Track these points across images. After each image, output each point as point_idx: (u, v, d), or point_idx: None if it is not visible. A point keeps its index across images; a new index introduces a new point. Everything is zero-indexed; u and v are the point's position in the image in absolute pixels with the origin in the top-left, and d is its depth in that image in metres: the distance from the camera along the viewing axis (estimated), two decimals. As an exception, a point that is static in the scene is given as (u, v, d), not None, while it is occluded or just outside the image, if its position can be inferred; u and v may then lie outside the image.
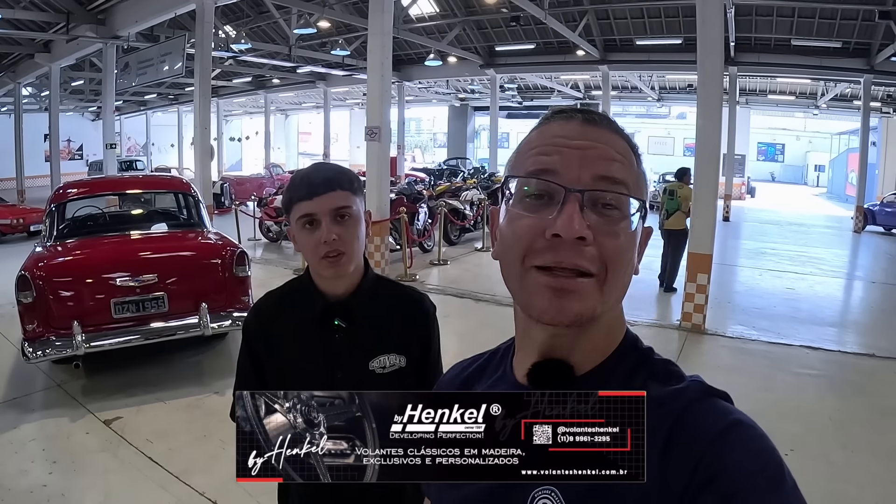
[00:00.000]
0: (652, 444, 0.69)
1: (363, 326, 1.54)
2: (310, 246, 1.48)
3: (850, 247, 16.12)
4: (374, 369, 1.53)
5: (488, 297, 8.66)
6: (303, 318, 1.55)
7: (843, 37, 16.03)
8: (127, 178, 9.76)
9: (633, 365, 0.79)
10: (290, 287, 1.66)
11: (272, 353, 1.56)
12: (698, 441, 0.68)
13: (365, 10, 15.45)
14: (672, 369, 0.79)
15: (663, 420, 0.70)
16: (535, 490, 0.75)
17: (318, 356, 1.53)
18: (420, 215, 12.24)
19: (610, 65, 19.90)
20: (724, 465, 0.65)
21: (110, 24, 15.29)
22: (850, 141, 30.73)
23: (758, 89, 26.03)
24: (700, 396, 0.73)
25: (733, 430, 0.68)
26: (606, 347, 0.80)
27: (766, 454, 0.67)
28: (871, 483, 4.03)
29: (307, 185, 1.47)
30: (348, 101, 36.43)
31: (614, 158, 0.75)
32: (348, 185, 1.50)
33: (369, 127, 9.80)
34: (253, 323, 1.63)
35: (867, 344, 7.17)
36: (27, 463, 4.12)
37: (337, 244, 1.46)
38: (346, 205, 1.48)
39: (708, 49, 7.25)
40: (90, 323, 5.10)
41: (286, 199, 1.52)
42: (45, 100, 26.74)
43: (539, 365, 0.79)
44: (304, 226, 1.48)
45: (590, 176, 0.73)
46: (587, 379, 0.78)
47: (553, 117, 0.80)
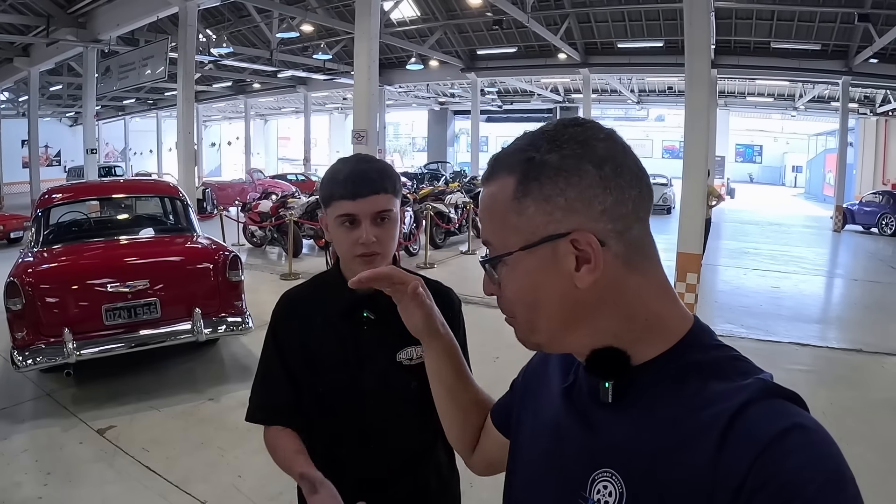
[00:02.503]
0: (706, 442, 0.69)
1: (391, 318, 1.48)
2: (346, 244, 1.48)
3: (830, 246, 16.34)
4: (402, 360, 1.53)
5: (477, 300, 8.57)
6: (331, 309, 1.55)
7: (822, 39, 16.30)
8: (115, 183, 9.65)
9: (696, 358, 0.77)
10: (320, 279, 1.66)
11: (301, 344, 1.55)
12: (753, 443, 0.66)
13: (347, 14, 15.48)
14: (739, 365, 0.77)
15: (718, 418, 0.70)
16: (595, 472, 0.78)
17: (347, 348, 1.53)
18: (406, 219, 12.21)
19: (591, 68, 20.06)
20: (778, 470, 0.64)
21: (91, 28, 15.13)
22: (827, 142, 31.21)
23: (736, 91, 26.39)
24: (762, 395, 0.71)
25: (792, 434, 0.66)
26: (664, 339, 0.79)
27: (826, 459, 0.65)
28: (866, 473, 4.01)
29: (352, 184, 1.45)
30: (328, 105, 36.41)
31: (482, 220, 0.85)
32: (392, 188, 1.49)
33: (356, 130, 9.77)
34: (282, 312, 1.61)
35: (854, 339, 7.26)
36: (20, 475, 4.03)
37: (374, 246, 1.46)
38: (388, 208, 1.48)
39: (695, 50, 7.31)
40: (81, 330, 5.00)
41: (326, 193, 1.50)
42: (23, 105, 26.46)
43: (597, 352, 0.80)
44: (342, 223, 1.47)
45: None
46: (644, 369, 0.78)
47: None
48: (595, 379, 0.81)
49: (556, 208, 0.76)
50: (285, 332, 1.58)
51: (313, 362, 1.53)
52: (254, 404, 1.58)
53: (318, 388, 1.52)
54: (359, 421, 1.52)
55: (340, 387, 1.52)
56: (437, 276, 6.68)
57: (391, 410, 1.53)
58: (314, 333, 1.55)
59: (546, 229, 0.77)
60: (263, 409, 1.56)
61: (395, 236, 1.53)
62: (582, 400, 0.85)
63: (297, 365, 1.54)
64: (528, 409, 0.98)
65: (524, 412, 0.99)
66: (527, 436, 0.94)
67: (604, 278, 0.77)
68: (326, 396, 1.52)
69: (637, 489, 0.74)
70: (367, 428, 1.53)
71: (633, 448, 0.75)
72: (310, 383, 1.53)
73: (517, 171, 0.79)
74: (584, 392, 0.85)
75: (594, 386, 0.81)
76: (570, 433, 0.84)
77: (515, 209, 0.78)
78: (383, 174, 1.50)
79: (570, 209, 0.76)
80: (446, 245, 13.38)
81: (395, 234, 1.52)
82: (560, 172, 0.76)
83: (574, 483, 0.80)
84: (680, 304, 0.83)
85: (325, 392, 1.52)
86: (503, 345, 6.45)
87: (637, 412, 0.77)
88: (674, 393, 0.76)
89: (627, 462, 0.75)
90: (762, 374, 0.75)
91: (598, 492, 0.77)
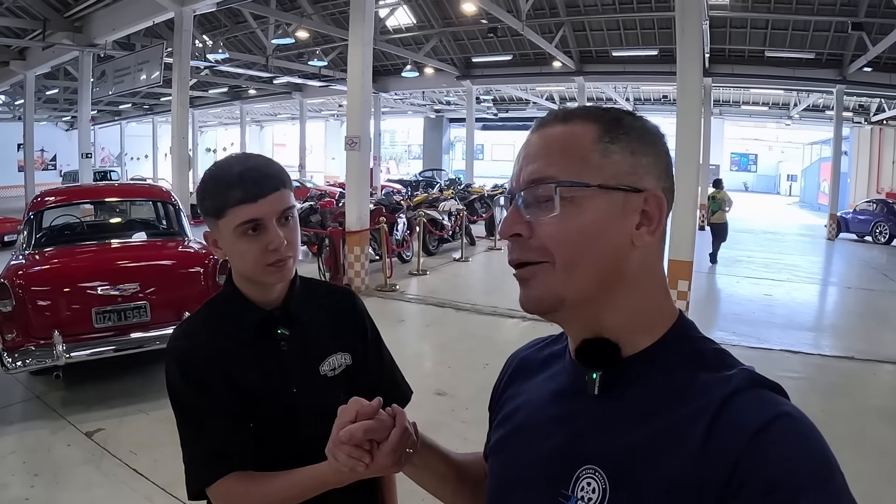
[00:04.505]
0: (693, 434, 0.70)
1: (306, 331, 1.41)
2: (253, 255, 1.29)
3: (824, 254, 16.40)
4: (326, 373, 1.41)
5: (468, 307, 8.65)
6: (241, 337, 1.36)
7: (816, 48, 16.40)
8: (107, 187, 9.64)
9: (682, 350, 0.79)
10: (213, 309, 1.42)
11: (224, 378, 1.31)
12: (740, 433, 0.67)
13: (342, 20, 15.51)
14: (724, 358, 0.78)
15: (705, 409, 0.70)
16: (580, 469, 0.77)
17: (271, 372, 1.35)
18: (399, 225, 12.23)
19: (586, 76, 20.13)
20: (765, 460, 0.64)
21: (87, 32, 15.16)
22: (822, 150, 31.29)
23: (731, 100, 26.51)
24: (747, 385, 0.72)
25: (778, 423, 0.67)
26: (653, 332, 0.80)
27: (812, 449, 0.66)
28: (857, 480, 4.02)
29: (250, 183, 1.26)
30: (323, 112, 36.48)
31: (538, 157, 0.80)
32: (289, 183, 1.34)
33: (349, 136, 9.77)
34: (187, 354, 1.33)
35: (846, 347, 7.29)
36: (7, 476, 4.02)
37: (287, 249, 1.31)
38: (291, 205, 1.33)
39: (687, 58, 7.35)
40: (71, 332, 4.99)
41: (217, 203, 1.28)
42: (18, 108, 26.46)
43: (587, 342, 0.80)
44: (244, 233, 1.28)
45: (523, 179, 0.80)
46: (634, 360, 0.79)
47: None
48: (583, 369, 0.81)
49: (640, 165, 0.79)
50: (199, 369, 1.31)
51: (242, 393, 1.32)
52: (200, 463, 1.27)
53: (251, 419, 1.32)
54: (295, 445, 1.34)
55: (275, 413, 1.34)
56: (431, 283, 6.73)
57: (325, 427, 1.33)
58: (231, 362, 1.33)
59: (628, 178, 0.77)
60: (214, 460, 1.26)
61: (299, 237, 1.38)
62: (567, 395, 0.85)
63: (227, 401, 1.31)
64: (509, 410, 0.96)
65: (504, 416, 0.97)
66: (509, 435, 0.93)
67: (647, 251, 0.79)
68: (262, 425, 1.33)
69: (620, 484, 0.73)
70: (302, 450, 1.30)
71: (617, 442, 0.75)
72: (241, 416, 1.31)
73: (602, 122, 0.80)
74: (569, 386, 0.85)
75: (580, 379, 0.81)
76: (553, 429, 0.83)
77: (600, 150, 0.78)
78: (278, 168, 1.34)
79: (649, 171, 0.79)
80: (439, 252, 13.39)
81: (299, 235, 1.38)
82: (645, 137, 0.81)
83: (557, 481, 0.80)
84: (671, 297, 0.85)
85: (259, 421, 1.33)
86: (493, 351, 6.49)
87: (623, 405, 0.77)
88: (660, 385, 0.76)
89: (611, 456, 0.75)
90: (745, 366, 0.76)
91: (581, 489, 0.77)
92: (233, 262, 1.35)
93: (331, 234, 9.89)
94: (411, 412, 1.05)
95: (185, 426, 1.31)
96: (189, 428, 1.31)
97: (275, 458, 1.30)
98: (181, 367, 1.32)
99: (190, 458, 1.29)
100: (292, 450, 1.32)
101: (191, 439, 1.30)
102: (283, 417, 1.34)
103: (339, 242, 9.64)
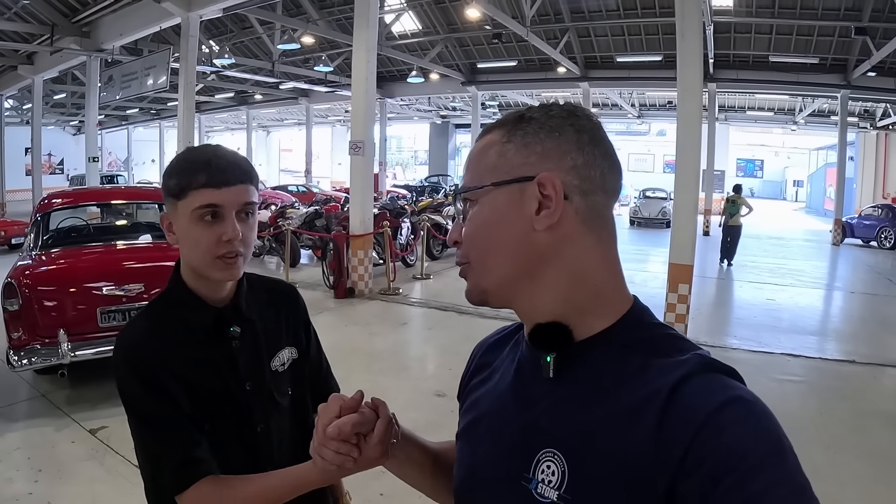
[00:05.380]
0: (646, 417, 0.71)
1: (256, 327, 1.40)
2: (206, 242, 1.25)
3: (829, 259, 16.37)
4: (277, 368, 1.40)
5: (471, 311, 8.67)
6: (194, 337, 1.32)
7: (821, 53, 16.37)
8: (113, 189, 9.72)
9: (635, 335, 0.80)
10: (161, 308, 1.37)
11: (179, 380, 1.26)
12: (693, 417, 0.67)
13: (348, 26, 15.56)
14: (677, 343, 0.79)
15: (658, 392, 0.71)
16: (539, 453, 0.79)
17: (224, 371, 1.32)
18: (403, 230, 12.28)
19: (591, 82, 20.12)
20: (718, 444, 0.64)
21: (95, 37, 15.30)
22: (828, 156, 31.25)
23: (736, 105, 26.46)
24: (700, 370, 0.72)
25: (730, 407, 0.67)
26: (605, 316, 0.81)
27: (764, 432, 0.66)
28: (853, 482, 4.10)
29: (216, 170, 1.25)
30: (330, 117, 36.50)
31: (466, 171, 0.89)
32: (256, 180, 1.34)
33: (353, 141, 9.84)
34: (140, 354, 1.27)
35: (847, 351, 7.29)
36: (12, 471, 4.08)
37: (239, 245, 1.28)
38: (253, 200, 1.31)
39: (687, 62, 7.37)
40: (76, 332, 5.06)
41: (180, 182, 1.26)
42: (26, 112, 26.64)
43: (539, 326, 0.82)
44: (202, 217, 1.25)
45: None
46: (587, 343, 0.80)
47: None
48: (538, 352, 0.83)
49: (533, 153, 0.81)
50: (152, 372, 1.24)
51: (199, 395, 1.28)
52: (170, 472, 1.19)
53: (206, 421, 1.27)
54: (248, 441, 1.33)
55: (228, 412, 1.31)
56: (434, 287, 6.76)
57: (276, 422, 1.37)
58: (184, 363, 1.28)
59: (520, 170, 0.81)
60: (184, 466, 1.19)
61: (255, 236, 1.36)
62: (525, 379, 0.87)
63: (187, 404, 1.26)
64: (476, 397, 0.98)
65: (471, 403, 0.99)
66: (474, 421, 0.95)
67: (561, 230, 0.80)
68: (217, 424, 1.29)
69: (578, 466, 0.75)
70: (255, 446, 1.34)
71: (573, 425, 0.77)
72: (198, 419, 1.26)
73: (506, 126, 0.85)
74: (527, 371, 0.87)
75: (536, 363, 0.83)
76: (512, 415, 0.85)
77: (498, 152, 0.84)
78: (247, 164, 1.33)
79: (545, 156, 0.81)
80: (443, 256, 13.43)
81: (256, 234, 1.36)
82: (544, 126, 0.83)
83: (518, 464, 0.81)
84: (625, 284, 0.85)
85: (214, 424, 1.28)
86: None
87: (578, 388, 0.79)
88: (614, 369, 0.77)
89: (568, 439, 0.77)
90: (700, 350, 0.77)
91: (542, 472, 0.78)
92: (183, 249, 1.30)
93: (335, 238, 9.94)
94: (411, 413, 1.08)
95: (145, 434, 1.24)
96: (150, 436, 1.23)
97: (230, 456, 1.27)
98: (136, 372, 1.24)
99: (155, 467, 1.23)
100: (246, 447, 1.32)
101: (154, 448, 1.23)
102: (237, 415, 1.32)
103: (342, 246, 9.69)
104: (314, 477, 1.08)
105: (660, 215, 21.99)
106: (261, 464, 1.21)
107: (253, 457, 1.31)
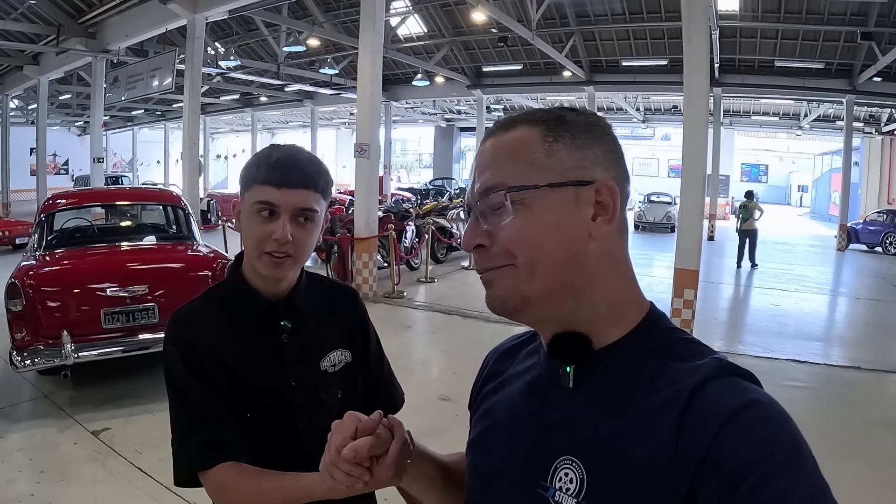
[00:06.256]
0: (666, 421, 0.70)
1: (309, 325, 1.41)
2: (257, 236, 1.30)
3: (833, 264, 16.34)
4: (326, 368, 1.41)
5: (476, 314, 8.66)
6: (243, 324, 1.36)
7: (826, 58, 16.37)
8: (117, 190, 9.72)
9: (652, 340, 0.79)
10: (218, 293, 1.43)
11: (220, 364, 1.31)
12: (711, 420, 0.67)
13: (354, 29, 15.60)
14: (694, 347, 0.79)
15: (677, 397, 0.71)
16: (557, 461, 0.78)
17: (270, 364, 1.35)
18: (407, 233, 12.28)
19: (596, 86, 20.13)
20: (736, 447, 0.64)
21: (100, 38, 15.32)
22: (833, 161, 31.16)
23: (741, 110, 26.44)
24: (718, 373, 0.72)
25: (749, 410, 0.67)
26: (623, 324, 0.81)
27: (784, 434, 0.66)
28: (860, 487, 4.06)
29: (280, 170, 1.28)
30: (335, 120, 36.58)
31: (487, 167, 0.82)
32: (322, 187, 1.34)
33: (359, 144, 9.83)
34: (185, 333, 1.34)
35: (853, 357, 7.26)
36: (14, 472, 4.07)
37: (288, 246, 1.30)
38: (313, 208, 1.32)
39: (694, 67, 7.34)
40: (79, 333, 5.05)
41: (248, 176, 1.32)
42: (31, 113, 26.69)
43: (559, 336, 0.81)
44: (258, 212, 1.29)
45: (477, 190, 0.82)
46: (606, 352, 0.80)
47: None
48: (557, 363, 0.82)
49: (586, 158, 0.80)
50: (198, 354, 1.30)
51: (240, 382, 1.31)
52: (192, 451, 1.23)
53: (247, 411, 1.30)
54: (289, 437, 1.35)
55: (271, 404, 1.33)
56: (438, 291, 6.75)
57: (319, 422, 1.27)
58: (231, 356, 1.32)
59: (575, 173, 0.79)
60: (210, 446, 1.22)
61: (313, 242, 1.37)
62: (541, 388, 0.86)
63: (224, 389, 1.29)
64: (488, 406, 0.97)
65: (484, 412, 0.97)
66: (487, 429, 0.94)
67: (606, 241, 0.80)
68: (258, 416, 1.32)
69: (598, 473, 0.74)
70: (295, 442, 1.34)
71: (593, 432, 0.76)
72: (237, 407, 1.29)
73: (543, 123, 0.82)
74: (543, 380, 0.86)
75: (555, 373, 0.82)
76: (529, 423, 0.85)
77: (545, 150, 0.79)
78: (317, 169, 1.34)
79: (597, 162, 0.80)
80: (448, 260, 13.43)
81: (313, 240, 1.36)
82: (589, 130, 0.82)
83: (535, 472, 0.80)
84: (640, 290, 0.85)
85: (254, 415, 1.31)
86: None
87: (597, 395, 0.78)
88: (633, 375, 0.77)
89: (588, 447, 0.76)
90: (717, 354, 0.76)
91: (559, 479, 0.77)
92: (243, 238, 1.35)
93: (339, 241, 9.94)
94: (415, 417, 1.05)
95: (180, 409, 1.29)
96: (184, 411, 1.28)
97: (267, 449, 1.29)
98: (180, 349, 1.31)
99: (183, 442, 1.26)
100: (285, 441, 1.33)
101: (185, 423, 1.27)
102: (280, 409, 1.34)
103: (347, 249, 9.68)
104: (321, 491, 1.06)
105: (664, 220, 21.99)
106: (300, 461, 1.19)
107: (292, 453, 1.31)
